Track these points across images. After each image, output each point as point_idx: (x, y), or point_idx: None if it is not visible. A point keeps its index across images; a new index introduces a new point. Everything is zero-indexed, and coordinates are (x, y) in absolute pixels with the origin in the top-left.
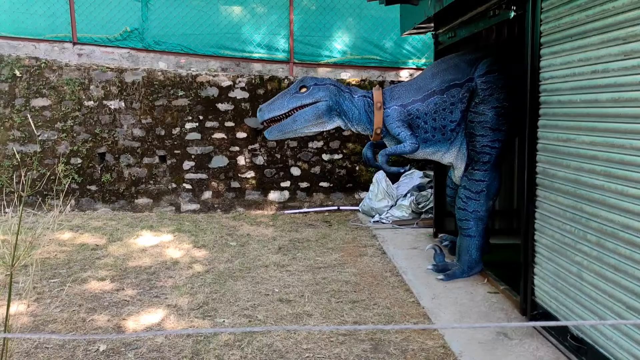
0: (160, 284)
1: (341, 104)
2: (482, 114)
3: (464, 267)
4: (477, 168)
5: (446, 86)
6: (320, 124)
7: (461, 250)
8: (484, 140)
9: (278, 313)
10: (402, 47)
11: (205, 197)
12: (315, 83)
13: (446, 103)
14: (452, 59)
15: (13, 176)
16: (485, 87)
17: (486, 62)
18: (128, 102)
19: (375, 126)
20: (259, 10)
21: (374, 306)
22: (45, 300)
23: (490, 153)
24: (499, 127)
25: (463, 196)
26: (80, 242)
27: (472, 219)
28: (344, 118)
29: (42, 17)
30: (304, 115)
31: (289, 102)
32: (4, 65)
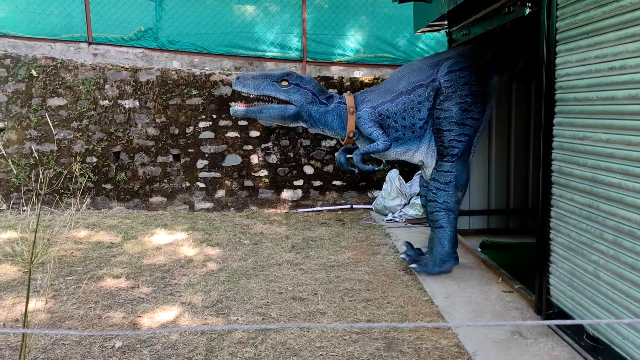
0: (175, 282)
1: (312, 112)
2: (447, 110)
3: (436, 260)
4: (445, 160)
5: (412, 87)
6: (283, 122)
7: (434, 242)
8: (451, 134)
9: (291, 311)
10: (415, 45)
11: (219, 196)
12: (297, 83)
13: (413, 102)
14: (415, 64)
15: (30, 175)
16: (448, 85)
17: (447, 64)
18: (142, 102)
19: (348, 130)
20: (272, 9)
21: (387, 305)
22: (62, 297)
23: (457, 147)
24: (463, 121)
25: (433, 188)
26: (96, 240)
27: (442, 209)
28: (311, 123)
29: (58, 18)
30: (270, 111)
31: (265, 87)
32: (21, 66)
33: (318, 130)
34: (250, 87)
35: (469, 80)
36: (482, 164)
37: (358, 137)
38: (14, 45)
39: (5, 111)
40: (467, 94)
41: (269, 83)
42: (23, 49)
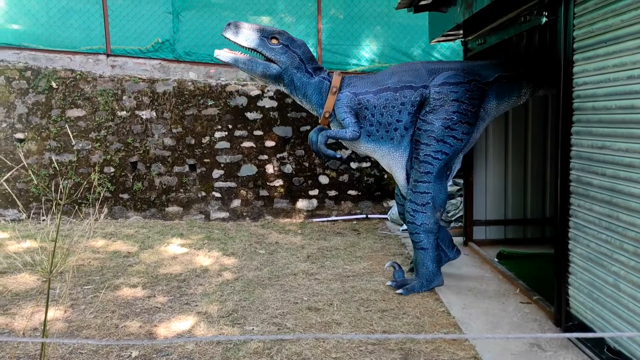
0: (191, 292)
1: (294, 78)
2: (429, 123)
3: (423, 281)
4: (421, 180)
5: (401, 86)
6: (264, 80)
7: (417, 264)
8: (428, 149)
9: (307, 321)
10: (430, 54)
11: (234, 206)
12: (287, 44)
13: (397, 101)
14: (415, 64)
15: (49, 185)
16: (437, 97)
17: (445, 75)
18: (159, 112)
19: (325, 109)
20: (288, 20)
21: (404, 315)
22: (79, 306)
23: (431, 163)
24: (443, 138)
25: (410, 209)
26: (113, 250)
27: (421, 231)
28: (291, 89)
29: (78, 30)
30: (253, 65)
31: (254, 40)
32: (41, 77)
33: (297, 99)
34: (240, 37)
35: (460, 97)
36: (499, 173)
37: (333, 120)
38: (35, 58)
39: (26, 122)
40: (454, 111)
41: (259, 37)
42: (43, 61)
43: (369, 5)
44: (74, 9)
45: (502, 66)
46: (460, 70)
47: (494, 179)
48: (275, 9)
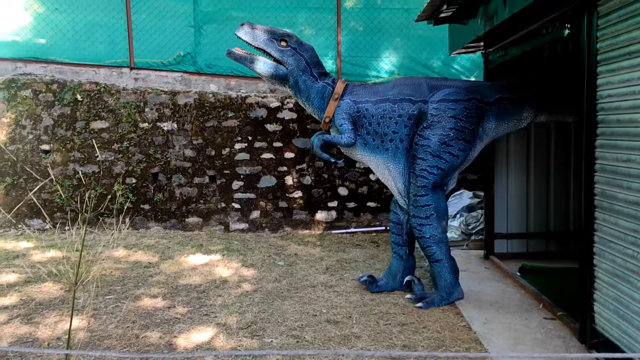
0: (210, 303)
1: (299, 80)
2: (426, 138)
3: (442, 294)
4: (419, 194)
5: (400, 98)
6: (271, 81)
7: (435, 277)
8: (424, 164)
9: (326, 334)
10: (450, 66)
11: (254, 217)
12: (295, 47)
13: (394, 113)
14: (419, 79)
15: (72, 195)
16: (435, 113)
17: (445, 92)
18: (180, 124)
19: (326, 114)
20: (307, 32)
21: (424, 329)
22: (101, 316)
23: (427, 178)
24: (439, 154)
25: (417, 225)
26: (134, 260)
27: (432, 243)
28: (295, 91)
29: (103, 44)
30: (262, 65)
31: (264, 41)
32: (67, 90)
33: (300, 101)
34: (249, 36)
35: (458, 114)
36: (520, 185)
37: (333, 125)
38: (61, 71)
39: (51, 134)
40: (451, 128)
41: (269, 38)
42: (69, 74)
43: (389, 17)
44: (99, 24)
45: (505, 88)
46: (461, 88)
47: (515, 191)
48: (296, 22)
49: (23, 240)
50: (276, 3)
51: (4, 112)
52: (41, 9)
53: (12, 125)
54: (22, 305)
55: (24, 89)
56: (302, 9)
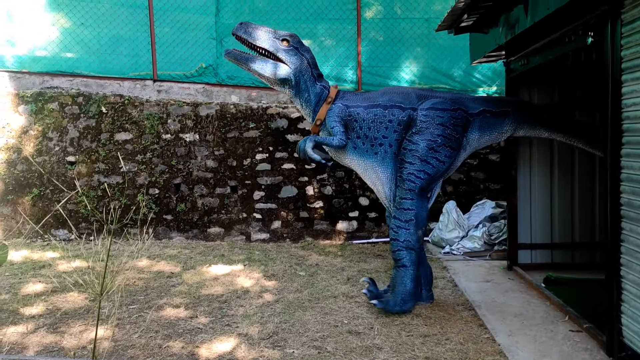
0: (232, 313)
1: (300, 82)
2: (415, 143)
3: (398, 299)
4: (404, 197)
5: (391, 104)
6: (269, 81)
7: (396, 281)
8: (411, 168)
9: (347, 345)
10: (471, 75)
11: (275, 227)
12: (297, 47)
13: (385, 118)
14: (407, 89)
15: (97, 206)
16: (424, 120)
17: (433, 101)
18: (202, 135)
19: (317, 117)
20: (327, 43)
21: (446, 341)
22: (125, 326)
23: (414, 182)
24: (427, 159)
25: (394, 226)
26: (157, 270)
27: (403, 248)
28: (295, 92)
29: (127, 57)
30: (263, 64)
31: (265, 40)
32: (92, 103)
33: (297, 103)
34: (251, 36)
35: (445, 122)
36: (544, 195)
37: (324, 129)
38: (86, 84)
39: (77, 146)
40: (439, 134)
41: (271, 38)
42: (94, 87)
43: (409, 27)
44: (123, 37)
45: (488, 102)
46: (448, 99)
47: (539, 201)
48: (316, 33)
49: (49, 251)
50: (297, 15)
51: (31, 124)
52: (68, 23)
53: (39, 138)
54: (48, 314)
55: (51, 102)
56: (322, 20)
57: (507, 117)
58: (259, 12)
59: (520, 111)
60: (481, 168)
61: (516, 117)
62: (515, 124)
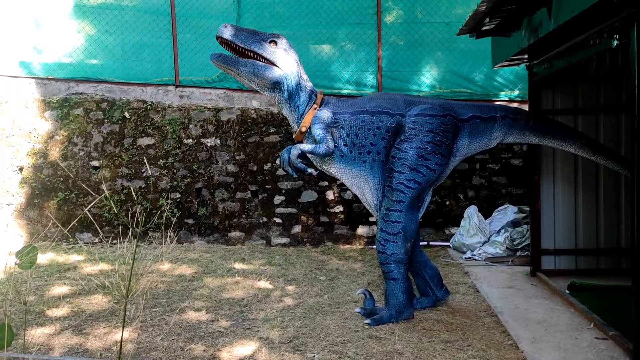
0: (252, 316)
1: (291, 85)
2: (404, 152)
3: (392, 311)
4: (393, 209)
5: (379, 110)
6: (258, 85)
7: (388, 294)
8: (401, 177)
9: (368, 350)
10: (493, 79)
11: (295, 231)
12: (285, 48)
13: (373, 124)
14: (394, 95)
15: (120, 210)
16: (412, 127)
17: (421, 107)
18: (223, 140)
19: (303, 124)
20: (348, 48)
21: (468, 347)
22: (147, 329)
23: (404, 192)
24: (417, 167)
25: (381, 239)
26: (179, 273)
27: (392, 261)
28: (285, 96)
29: (150, 64)
30: (254, 67)
31: (253, 43)
32: (116, 108)
33: (284, 109)
34: (238, 39)
35: (435, 128)
36: (568, 199)
37: (308, 137)
38: (110, 90)
39: (101, 150)
40: (428, 141)
41: (257, 40)
42: (118, 93)
43: (430, 31)
44: (146, 44)
45: (477, 108)
46: (436, 105)
47: (562, 206)
48: (336, 38)
49: (74, 254)
50: (317, 20)
51: (57, 130)
52: (93, 31)
53: (65, 143)
54: (73, 316)
55: (76, 107)
56: (342, 25)
57: (497, 123)
58: (279, 18)
59: (508, 117)
60: (503, 173)
61: (505, 123)
62: (505, 129)
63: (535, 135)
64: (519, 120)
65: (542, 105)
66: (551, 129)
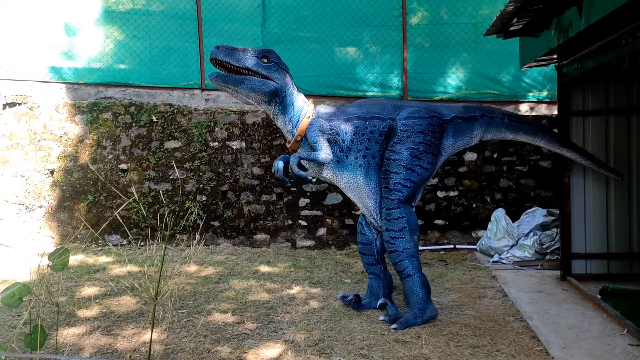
0: (278, 319)
1: (286, 96)
2: (398, 153)
3: (416, 311)
4: (393, 207)
5: (370, 115)
6: (256, 100)
7: (408, 294)
8: (397, 177)
9: (394, 354)
10: (521, 80)
11: (320, 234)
12: (277, 62)
13: (366, 129)
14: (380, 100)
15: (147, 212)
16: (404, 129)
17: (409, 110)
18: (248, 142)
19: (298, 132)
20: (373, 50)
21: (497, 353)
22: (175, 330)
23: (401, 191)
24: (412, 167)
25: (389, 238)
26: (205, 275)
27: (405, 257)
28: (281, 108)
29: (176, 68)
30: (252, 83)
31: (247, 60)
32: (143, 112)
33: (279, 120)
34: (233, 58)
35: (424, 129)
36: (599, 201)
37: (303, 145)
38: (138, 94)
39: (129, 154)
40: (420, 142)
41: (252, 57)
42: (145, 97)
43: (456, 32)
44: (173, 49)
45: (458, 108)
46: (422, 107)
47: (594, 208)
48: (361, 40)
49: (103, 255)
50: (342, 22)
51: (86, 133)
52: (121, 36)
53: (94, 146)
54: (102, 317)
55: (105, 111)
56: (367, 27)
57: (476, 122)
58: (304, 21)
59: (486, 116)
60: (531, 175)
61: (484, 122)
62: (484, 127)
63: (510, 132)
64: (495, 119)
65: (572, 107)
66: (523, 126)
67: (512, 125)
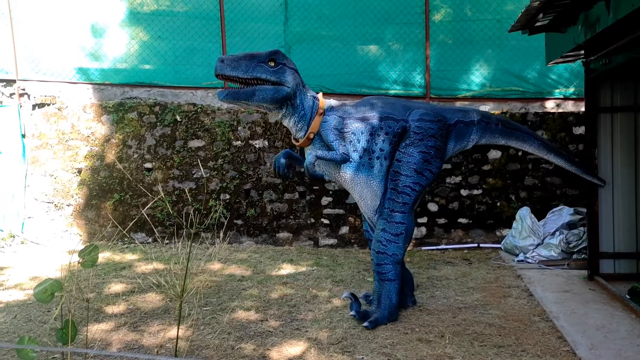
0: (301, 317)
1: (297, 96)
2: (410, 155)
3: (384, 313)
4: (398, 210)
5: (385, 116)
6: (268, 107)
7: (381, 295)
8: (408, 180)
9: (417, 353)
10: (546, 76)
11: (343, 232)
12: (284, 62)
13: (382, 130)
14: (389, 99)
15: (171, 210)
16: (418, 132)
17: (420, 112)
18: (271, 141)
19: (310, 130)
20: (395, 48)
21: (522, 353)
22: (199, 327)
23: (409, 194)
24: (422, 171)
25: (383, 239)
26: (228, 273)
27: (390, 262)
28: (291, 110)
29: (200, 68)
30: (264, 93)
31: (254, 69)
32: (167, 112)
33: (290, 120)
34: (240, 70)
35: (436, 133)
36: (629, 199)
37: (315, 142)
38: (162, 94)
39: (154, 153)
40: (431, 146)
41: (257, 64)
42: (169, 96)
43: (480, 29)
44: (196, 49)
45: (458, 112)
46: (430, 109)
47: (622, 206)
48: (383, 38)
49: (129, 253)
50: (364, 20)
51: (113, 133)
52: (146, 37)
53: (120, 146)
54: (129, 313)
55: (130, 111)
56: (389, 24)
57: (474, 127)
58: (326, 19)
59: (483, 121)
60: (557, 173)
61: (480, 127)
62: (480, 132)
63: (503, 137)
64: (491, 124)
65: (600, 103)
66: (515, 132)
67: (505, 131)
